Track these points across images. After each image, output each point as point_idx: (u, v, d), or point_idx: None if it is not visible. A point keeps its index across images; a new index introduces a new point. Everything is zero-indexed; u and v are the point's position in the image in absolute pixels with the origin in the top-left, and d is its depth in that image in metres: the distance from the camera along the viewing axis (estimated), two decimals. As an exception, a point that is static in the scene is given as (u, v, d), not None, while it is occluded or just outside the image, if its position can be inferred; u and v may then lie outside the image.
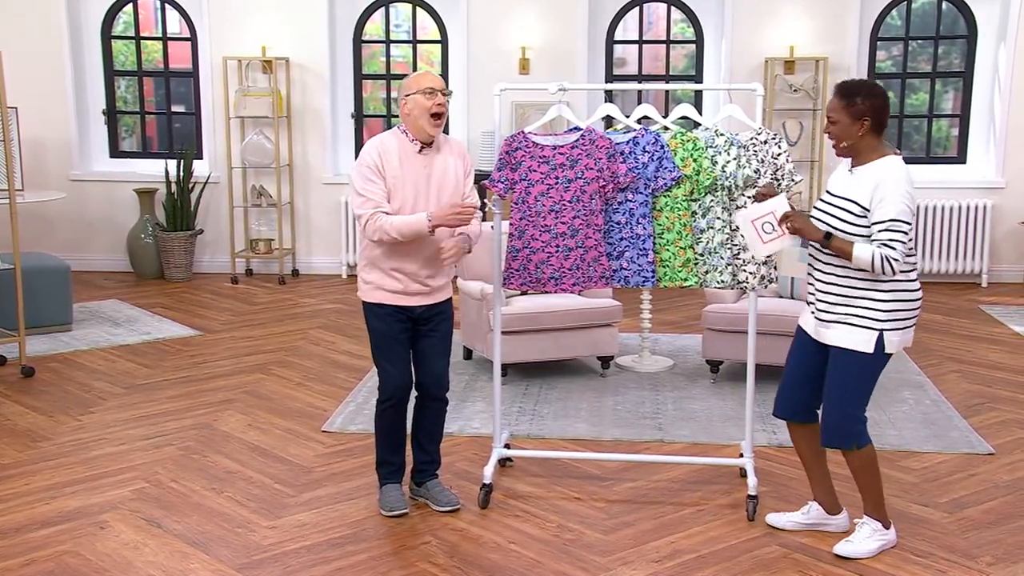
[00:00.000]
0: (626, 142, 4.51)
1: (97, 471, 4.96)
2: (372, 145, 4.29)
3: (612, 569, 4.01)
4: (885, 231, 3.81)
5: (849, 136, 3.90)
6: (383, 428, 4.48)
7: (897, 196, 3.82)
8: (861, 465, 4.07)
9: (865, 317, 3.92)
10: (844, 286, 3.95)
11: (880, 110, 3.89)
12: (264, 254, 9.53)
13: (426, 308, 4.39)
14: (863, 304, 3.92)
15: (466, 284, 6.47)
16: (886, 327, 3.91)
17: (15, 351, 6.81)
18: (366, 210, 4.21)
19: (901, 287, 3.92)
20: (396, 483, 4.55)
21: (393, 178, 4.25)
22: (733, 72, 9.22)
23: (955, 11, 9.31)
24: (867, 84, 3.92)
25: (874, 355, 3.93)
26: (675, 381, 6.41)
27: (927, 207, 9.18)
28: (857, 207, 3.89)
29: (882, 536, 4.14)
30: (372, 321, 4.39)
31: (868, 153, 3.93)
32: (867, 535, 4.13)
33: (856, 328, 3.93)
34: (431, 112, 4.21)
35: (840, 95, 3.90)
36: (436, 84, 4.24)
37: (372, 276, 4.34)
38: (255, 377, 6.50)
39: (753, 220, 4.08)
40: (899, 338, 3.95)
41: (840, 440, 4.05)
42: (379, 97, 9.90)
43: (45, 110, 9.56)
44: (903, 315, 3.94)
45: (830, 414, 4.04)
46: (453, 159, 4.36)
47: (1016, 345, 7.31)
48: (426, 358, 4.45)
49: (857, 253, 3.82)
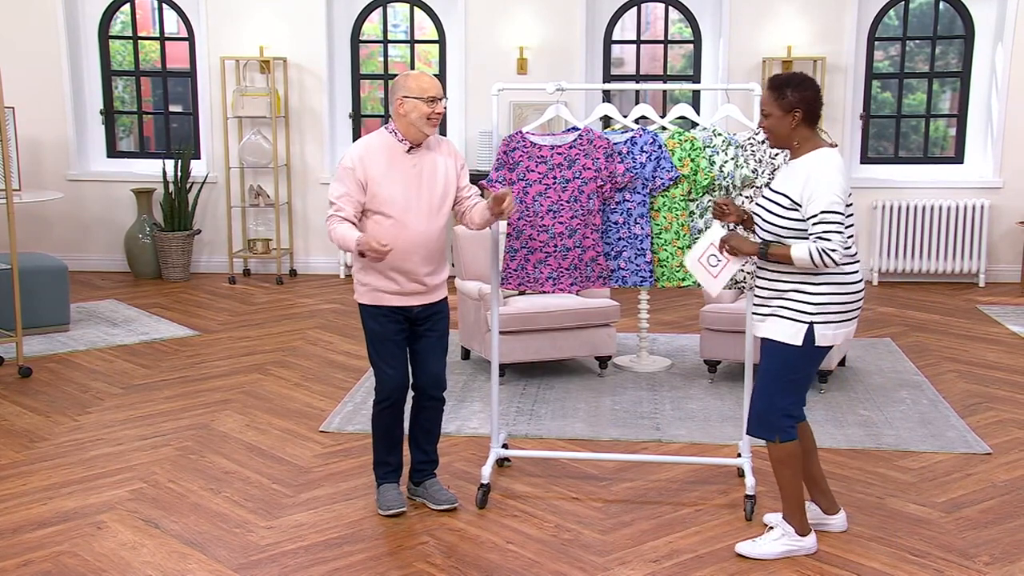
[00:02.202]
0: (624, 142, 4.51)
1: (94, 471, 4.96)
2: (355, 147, 4.28)
3: (610, 569, 4.01)
4: (818, 223, 3.80)
5: (782, 128, 3.91)
6: (380, 428, 4.48)
7: (825, 188, 3.80)
8: (780, 458, 4.03)
9: (794, 310, 3.90)
10: (775, 280, 3.95)
11: (811, 102, 3.89)
12: (262, 254, 9.52)
13: (423, 308, 4.39)
14: (793, 296, 3.91)
15: (464, 284, 6.47)
16: (816, 320, 3.89)
17: (12, 351, 6.81)
18: (331, 211, 4.25)
19: (835, 279, 3.89)
20: (393, 483, 4.55)
21: (379, 178, 4.23)
22: (731, 72, 9.22)
23: (952, 11, 9.32)
24: (797, 76, 3.93)
25: (803, 348, 3.90)
26: (673, 381, 6.42)
27: (924, 207, 9.18)
28: (787, 200, 3.88)
29: (792, 542, 4.08)
30: (368, 322, 4.39)
31: (801, 145, 3.94)
32: (774, 537, 4.09)
33: (785, 320, 3.92)
34: (428, 117, 4.22)
35: (771, 88, 3.93)
36: (437, 92, 4.24)
37: (368, 278, 4.34)
38: (253, 377, 6.50)
39: (699, 259, 4.14)
40: (832, 331, 3.91)
41: (763, 431, 4.03)
42: (377, 97, 9.90)
43: (42, 110, 9.56)
44: (836, 308, 3.90)
45: (756, 404, 4.03)
46: (443, 158, 4.36)
47: (1013, 345, 7.31)
48: (423, 358, 4.45)
49: (795, 254, 3.81)
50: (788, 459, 4.03)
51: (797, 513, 4.09)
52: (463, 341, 6.70)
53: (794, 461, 4.04)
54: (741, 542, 4.13)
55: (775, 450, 4.04)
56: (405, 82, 4.26)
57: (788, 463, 4.03)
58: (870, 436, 5.41)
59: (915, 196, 9.29)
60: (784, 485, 4.08)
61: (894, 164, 9.54)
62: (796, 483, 4.07)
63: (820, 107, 3.93)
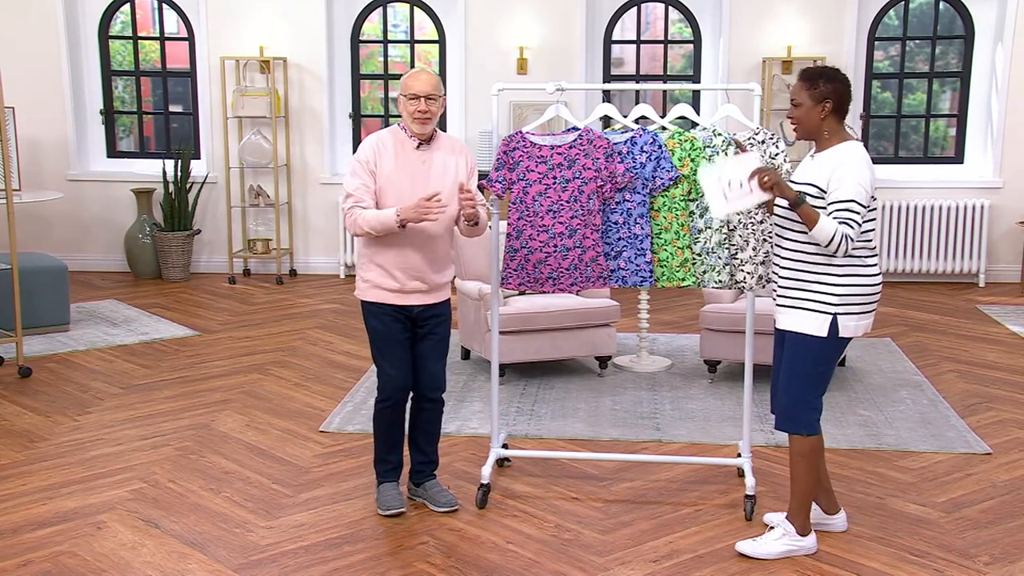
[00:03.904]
0: (624, 142, 4.51)
1: (94, 471, 4.96)
2: (369, 141, 4.34)
3: (610, 569, 4.01)
4: (841, 210, 3.84)
5: (811, 118, 3.96)
6: (381, 427, 4.48)
7: (854, 179, 3.85)
8: (802, 452, 4.05)
9: (818, 301, 3.93)
10: (799, 270, 3.97)
11: (842, 94, 3.96)
12: (262, 254, 9.52)
13: (424, 308, 4.38)
14: (816, 288, 3.93)
15: (464, 284, 6.47)
16: (840, 311, 3.92)
17: (12, 351, 6.81)
18: (348, 203, 4.26)
19: (857, 271, 3.93)
20: (393, 482, 4.55)
21: (387, 174, 4.26)
22: (731, 72, 9.22)
23: (952, 11, 9.32)
24: (830, 69, 4.00)
25: (828, 339, 3.94)
26: (673, 381, 6.42)
27: (924, 207, 9.18)
28: (815, 189, 3.93)
29: (793, 541, 4.10)
30: (370, 321, 4.39)
31: (830, 138, 3.99)
32: (776, 536, 4.11)
33: (809, 312, 3.95)
34: (413, 115, 4.25)
35: (803, 79, 3.99)
36: (420, 90, 4.24)
37: (370, 274, 4.34)
38: (253, 377, 6.50)
39: (718, 178, 3.96)
40: (855, 323, 3.95)
41: (791, 424, 4.05)
42: (377, 97, 9.90)
43: (42, 110, 9.56)
44: (858, 299, 3.94)
45: (784, 398, 4.05)
46: (455, 158, 4.37)
47: (1013, 345, 7.31)
48: (423, 360, 4.45)
49: (822, 223, 3.81)
50: (809, 453, 4.07)
51: (803, 511, 4.11)
52: (463, 341, 6.70)
53: (814, 456, 4.08)
54: (742, 541, 4.14)
55: (798, 443, 4.07)
56: (403, 79, 4.33)
57: (808, 457, 4.07)
58: (870, 436, 5.41)
59: (915, 196, 9.29)
60: (798, 479, 4.10)
61: (894, 164, 9.54)
62: (810, 479, 4.09)
63: (849, 101, 3.99)
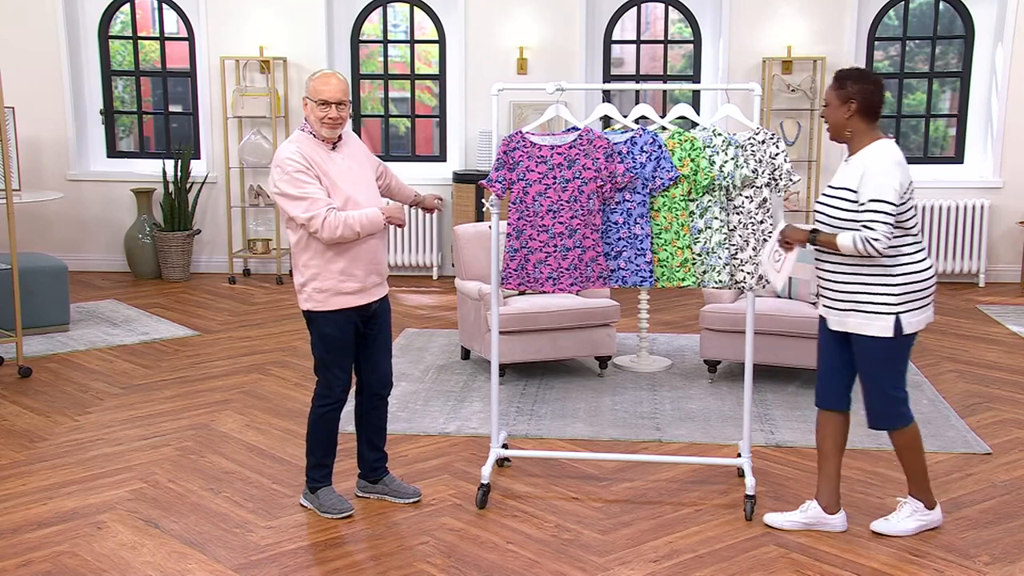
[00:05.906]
0: (624, 142, 4.51)
1: (94, 471, 4.96)
2: (291, 149, 4.16)
3: (610, 569, 4.01)
4: (866, 211, 3.92)
5: (837, 117, 4.05)
6: (325, 431, 4.46)
7: (880, 176, 3.91)
8: (904, 444, 4.20)
9: (880, 303, 4.01)
10: (855, 274, 4.05)
11: (869, 95, 4.00)
12: (262, 254, 9.52)
13: (378, 302, 4.42)
14: (876, 291, 4.01)
15: (464, 284, 6.47)
16: (901, 310, 4.01)
17: (12, 351, 6.81)
18: (318, 209, 4.10)
19: (911, 269, 4.02)
20: (331, 485, 4.55)
21: (332, 177, 4.22)
22: (731, 72, 9.22)
23: (952, 11, 9.32)
24: (861, 71, 4.08)
25: (895, 338, 4.03)
26: (673, 381, 6.41)
27: (925, 207, 9.18)
28: (851, 193, 4.00)
29: (923, 516, 4.27)
30: (326, 329, 4.30)
31: (860, 138, 4.05)
32: (907, 514, 4.26)
33: (873, 315, 4.02)
34: (322, 121, 4.20)
35: (834, 79, 4.10)
36: (331, 96, 4.18)
37: (327, 283, 4.24)
38: (253, 377, 6.50)
39: (767, 258, 4.28)
40: (917, 318, 4.06)
41: (885, 422, 4.18)
42: (377, 97, 9.90)
43: (42, 110, 9.56)
44: (917, 295, 4.04)
45: (870, 399, 4.17)
46: (357, 144, 4.44)
47: (1013, 345, 7.31)
48: (375, 360, 4.48)
49: (841, 242, 3.94)
50: (911, 443, 4.20)
51: (924, 489, 4.26)
52: (463, 341, 6.70)
53: (916, 443, 4.21)
54: (875, 521, 4.29)
55: (898, 437, 4.20)
56: (309, 82, 4.24)
57: (911, 446, 4.21)
58: (870, 436, 5.40)
59: (915, 196, 9.26)
60: (909, 467, 4.25)
61: (894, 164, 9.53)
62: (920, 463, 4.23)
63: (879, 103, 4.04)
